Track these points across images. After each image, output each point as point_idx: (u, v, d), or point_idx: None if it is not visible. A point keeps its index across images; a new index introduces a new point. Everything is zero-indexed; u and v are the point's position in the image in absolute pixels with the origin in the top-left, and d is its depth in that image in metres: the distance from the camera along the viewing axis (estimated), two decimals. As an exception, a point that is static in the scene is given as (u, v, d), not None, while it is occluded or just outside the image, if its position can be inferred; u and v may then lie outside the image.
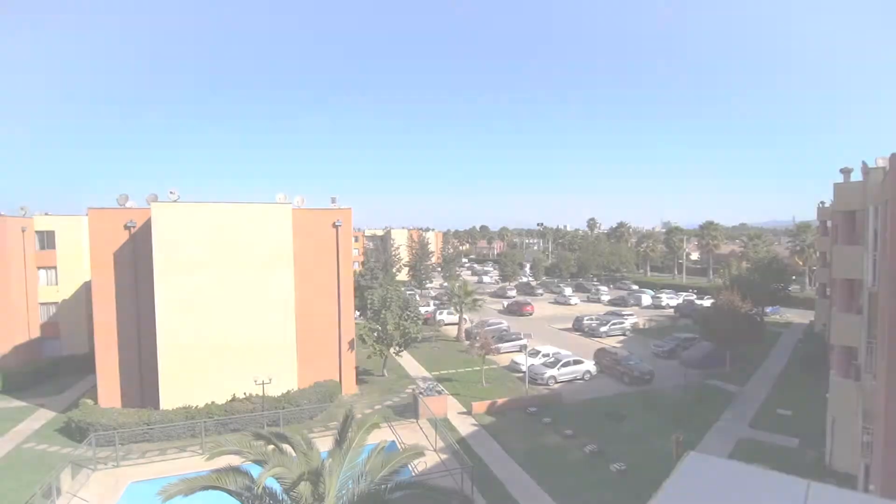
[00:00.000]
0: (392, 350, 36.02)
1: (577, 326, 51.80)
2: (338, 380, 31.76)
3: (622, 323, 50.88)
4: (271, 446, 11.38)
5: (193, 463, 22.85)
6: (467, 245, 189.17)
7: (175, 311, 27.18)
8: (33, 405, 31.25)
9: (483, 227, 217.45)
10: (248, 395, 27.82)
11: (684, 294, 71.40)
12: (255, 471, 10.53)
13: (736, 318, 33.82)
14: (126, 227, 28.22)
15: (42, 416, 29.43)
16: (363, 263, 52.21)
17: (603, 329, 49.08)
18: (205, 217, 27.78)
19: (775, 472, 4.67)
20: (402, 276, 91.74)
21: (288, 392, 28.60)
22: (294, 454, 10.96)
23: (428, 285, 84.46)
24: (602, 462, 22.62)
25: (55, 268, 39.26)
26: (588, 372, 35.26)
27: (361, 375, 35.41)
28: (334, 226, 31.63)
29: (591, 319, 51.78)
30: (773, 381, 34.26)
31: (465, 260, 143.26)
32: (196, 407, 26.58)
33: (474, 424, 27.35)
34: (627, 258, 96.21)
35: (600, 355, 37.64)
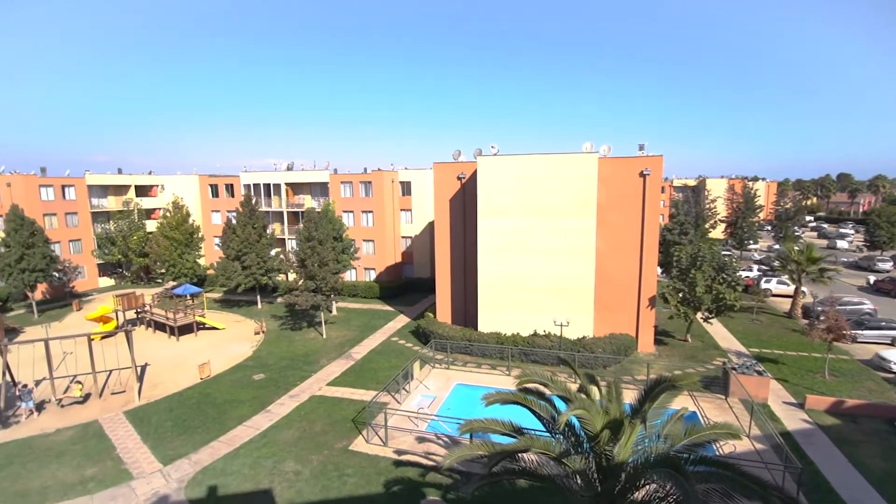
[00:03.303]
0: (700, 315, 32.28)
1: None
2: (634, 335, 30.79)
3: None
4: (575, 385, 12.02)
5: (500, 379, 26.68)
6: (814, 199, 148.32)
7: (491, 251, 31.31)
8: (396, 311, 42.38)
9: (842, 176, 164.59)
10: (546, 332, 30.17)
11: None
12: (556, 400, 11.40)
13: None
14: (458, 178, 33.66)
15: (402, 320, 39.62)
16: (670, 216, 47.67)
17: None
18: (518, 168, 30.31)
19: None
20: (717, 233, 79.95)
21: (583, 338, 29.56)
22: (598, 397, 11.31)
23: (751, 246, 71.12)
24: None
25: (410, 210, 50.84)
26: None
27: (660, 336, 33.29)
28: (641, 175, 29.62)
29: None
30: None
31: (809, 218, 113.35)
32: (504, 334, 30.56)
33: (806, 421, 22.17)
34: None
35: None
